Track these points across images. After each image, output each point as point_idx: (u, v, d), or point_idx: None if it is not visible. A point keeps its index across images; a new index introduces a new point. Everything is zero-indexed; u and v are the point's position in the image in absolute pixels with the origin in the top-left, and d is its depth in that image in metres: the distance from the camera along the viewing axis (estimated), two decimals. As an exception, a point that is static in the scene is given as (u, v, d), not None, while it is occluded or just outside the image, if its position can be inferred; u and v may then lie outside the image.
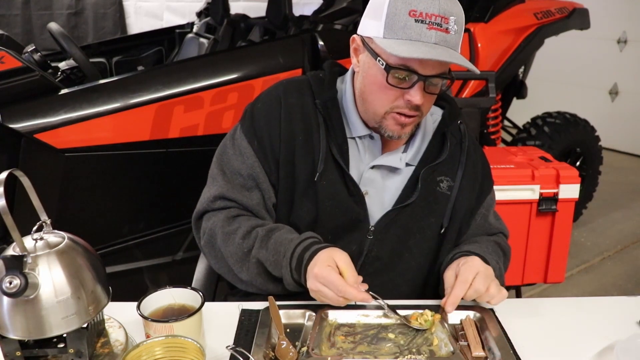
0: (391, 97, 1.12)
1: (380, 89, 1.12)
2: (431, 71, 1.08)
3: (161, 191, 2.23)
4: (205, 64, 2.29)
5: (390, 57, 1.07)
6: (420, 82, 1.08)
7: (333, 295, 1.03)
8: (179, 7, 5.82)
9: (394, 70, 1.07)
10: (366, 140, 1.22)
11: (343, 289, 1.01)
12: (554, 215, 2.27)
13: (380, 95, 1.13)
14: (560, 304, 1.18)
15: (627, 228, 3.63)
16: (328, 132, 1.20)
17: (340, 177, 1.19)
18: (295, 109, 1.21)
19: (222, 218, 1.21)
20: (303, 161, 1.19)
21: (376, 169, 1.22)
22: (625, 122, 5.03)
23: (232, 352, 0.94)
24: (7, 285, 0.80)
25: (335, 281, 1.02)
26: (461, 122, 1.29)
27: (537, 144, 3.13)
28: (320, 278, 1.04)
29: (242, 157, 1.22)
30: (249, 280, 1.18)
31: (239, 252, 1.17)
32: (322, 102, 1.21)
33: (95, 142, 2.03)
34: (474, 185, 1.27)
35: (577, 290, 2.92)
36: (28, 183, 0.90)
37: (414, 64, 1.06)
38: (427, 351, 1.01)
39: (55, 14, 5.93)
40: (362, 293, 1.02)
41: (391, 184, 1.23)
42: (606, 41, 5.01)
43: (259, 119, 1.22)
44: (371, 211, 1.21)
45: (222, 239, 1.19)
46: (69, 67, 2.50)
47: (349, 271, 1.05)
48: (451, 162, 1.25)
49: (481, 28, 3.00)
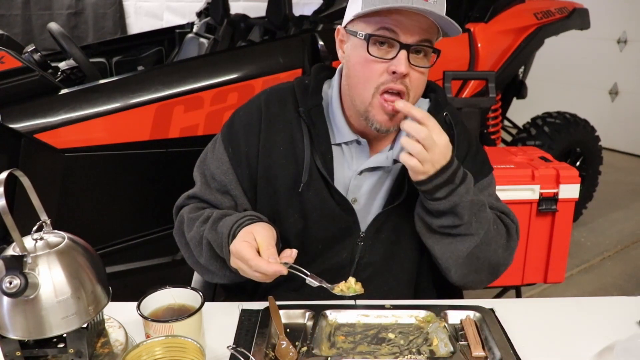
0: (376, 73, 1.08)
1: (364, 66, 1.09)
2: (412, 37, 1.05)
3: (161, 191, 2.23)
4: (205, 64, 2.29)
5: (369, 26, 1.07)
6: (404, 51, 1.05)
7: (249, 271, 1.02)
8: (179, 7, 5.83)
9: (374, 37, 1.06)
10: (353, 146, 1.20)
11: (253, 262, 0.99)
12: (554, 215, 2.27)
13: (364, 73, 1.09)
14: (560, 304, 1.18)
15: (627, 228, 3.63)
16: (312, 141, 1.17)
17: (326, 187, 1.17)
18: (277, 119, 1.20)
19: (191, 207, 1.23)
20: (285, 172, 1.18)
21: (364, 174, 1.19)
22: (625, 122, 5.03)
23: (233, 352, 0.94)
24: (7, 285, 0.80)
25: (246, 255, 1.00)
26: (447, 114, 1.24)
27: (537, 144, 3.13)
28: (235, 254, 1.03)
29: (218, 162, 1.22)
30: (206, 265, 1.17)
31: (197, 236, 1.17)
32: (305, 111, 1.18)
33: (95, 142, 2.04)
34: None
35: (577, 290, 2.92)
36: (28, 183, 0.90)
37: (394, 27, 1.04)
38: (427, 351, 1.01)
39: (55, 14, 5.94)
40: (273, 265, 0.99)
41: (380, 187, 1.20)
42: (606, 41, 5.01)
43: (238, 127, 1.22)
44: (361, 217, 1.19)
45: (187, 225, 1.20)
46: (69, 67, 2.50)
47: (264, 245, 1.02)
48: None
49: (481, 28, 3.00)
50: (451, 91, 2.63)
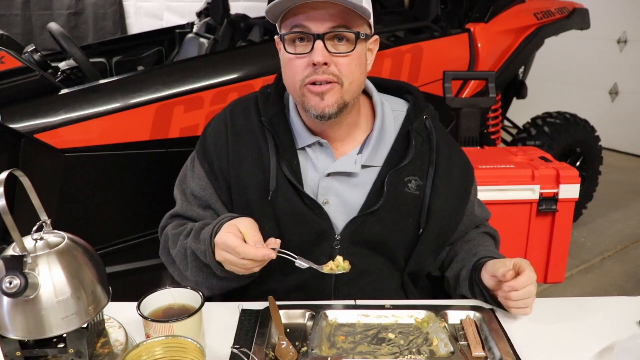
0: (299, 68, 1.09)
1: (289, 66, 1.11)
2: (323, 25, 1.06)
3: (161, 191, 2.22)
4: (205, 64, 2.29)
5: (285, 29, 1.10)
6: (319, 41, 1.06)
7: (237, 260, 1.01)
8: (179, 7, 5.83)
9: (288, 35, 1.09)
10: (316, 148, 1.20)
11: (241, 249, 0.99)
12: (554, 215, 2.27)
13: (290, 70, 1.11)
14: (560, 304, 1.18)
15: (627, 228, 3.62)
16: (277, 148, 1.18)
17: (296, 192, 1.17)
18: (242, 130, 1.21)
19: (174, 224, 1.25)
20: (254, 181, 1.18)
21: (333, 176, 1.19)
22: (625, 122, 5.03)
23: (237, 352, 0.95)
24: (7, 285, 0.80)
25: (232, 243, 1.00)
26: (427, 118, 1.23)
27: (537, 144, 3.12)
28: (220, 245, 1.03)
29: (197, 179, 1.24)
30: (193, 279, 1.17)
31: (181, 250, 1.17)
32: (267, 119, 1.19)
33: (95, 142, 2.03)
34: (449, 181, 1.22)
35: (577, 290, 2.92)
36: (28, 183, 0.90)
37: (303, 22, 1.06)
38: (427, 351, 1.01)
39: (55, 14, 5.94)
40: (261, 249, 1.00)
41: (353, 190, 1.19)
42: (606, 41, 5.01)
43: (209, 143, 1.23)
44: (335, 220, 1.18)
45: (171, 242, 1.22)
46: (69, 67, 2.50)
47: (249, 233, 1.02)
48: (420, 161, 1.20)
49: (481, 28, 3.00)
50: (451, 91, 2.63)
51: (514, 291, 1.06)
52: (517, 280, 1.06)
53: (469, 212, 1.29)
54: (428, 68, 2.74)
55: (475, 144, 2.67)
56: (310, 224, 1.17)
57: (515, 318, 1.11)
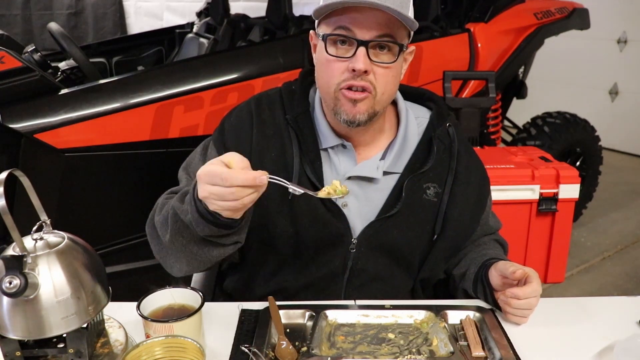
0: (337, 72, 1.07)
1: (326, 66, 1.08)
2: (369, 33, 1.03)
3: (161, 191, 2.22)
4: (205, 64, 2.29)
5: (328, 27, 1.07)
6: (362, 48, 1.03)
7: (224, 191, 0.88)
8: (179, 7, 5.83)
9: (331, 37, 1.06)
10: (339, 151, 1.18)
11: (226, 174, 0.87)
12: (554, 215, 2.28)
13: (327, 72, 1.09)
14: (560, 304, 1.18)
15: (627, 228, 3.63)
16: (301, 148, 1.16)
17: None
18: (267, 125, 1.18)
19: (165, 196, 1.17)
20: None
21: (353, 180, 1.17)
22: (625, 122, 5.03)
23: (248, 352, 0.95)
24: (7, 285, 0.80)
25: (217, 170, 0.88)
26: (450, 125, 1.23)
27: (537, 144, 3.13)
28: (203, 177, 0.90)
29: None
30: (170, 245, 1.05)
31: (164, 213, 1.08)
32: (292, 118, 1.17)
33: (95, 142, 2.04)
34: (466, 190, 1.22)
35: (577, 290, 2.92)
36: (28, 183, 0.90)
37: (349, 25, 1.03)
38: (427, 351, 1.01)
39: (55, 14, 5.95)
40: (250, 172, 0.89)
41: (372, 194, 1.18)
42: (606, 41, 5.01)
43: (230, 132, 1.19)
44: (353, 223, 1.17)
45: (159, 209, 1.12)
46: (69, 67, 2.51)
47: (235, 160, 0.91)
48: (440, 168, 1.20)
49: (481, 28, 3.00)
50: (451, 91, 2.63)
51: (516, 299, 1.06)
52: (522, 289, 1.06)
53: (483, 222, 1.29)
54: (428, 68, 2.74)
55: (475, 144, 2.68)
56: (328, 226, 1.15)
57: (515, 318, 1.11)
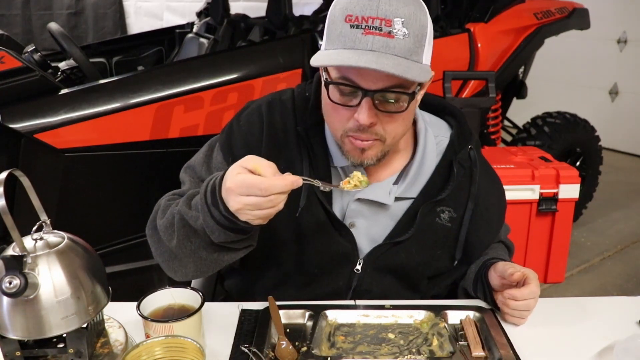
0: (342, 118, 1.00)
1: (331, 110, 1.01)
2: (375, 84, 0.94)
3: (161, 191, 2.21)
4: (205, 64, 2.29)
5: (333, 69, 0.98)
6: (367, 99, 0.94)
7: (262, 200, 0.86)
8: (179, 7, 5.83)
9: (333, 85, 0.97)
10: (350, 170, 1.09)
11: (265, 185, 0.85)
12: (554, 215, 2.28)
13: (332, 116, 1.02)
14: (560, 304, 1.18)
15: (627, 228, 3.63)
16: (310, 162, 1.10)
17: (324, 211, 1.10)
18: (278, 133, 1.12)
19: (167, 198, 1.14)
20: None
21: (362, 202, 1.12)
22: (625, 122, 5.03)
23: (248, 352, 0.95)
24: (7, 285, 0.80)
25: (253, 181, 0.86)
26: (471, 148, 1.16)
27: (537, 144, 3.13)
28: (236, 189, 0.87)
29: (214, 169, 1.13)
30: (177, 251, 1.03)
31: (169, 217, 1.04)
32: (303, 129, 1.10)
33: (95, 142, 2.04)
34: (487, 213, 1.18)
35: (577, 290, 2.92)
36: (28, 183, 0.90)
37: (353, 76, 0.94)
38: (427, 351, 1.01)
39: (55, 14, 5.95)
40: (288, 177, 0.87)
41: (382, 218, 1.13)
42: (606, 41, 5.01)
43: (238, 137, 1.13)
44: (360, 244, 1.13)
45: (161, 211, 1.09)
46: (69, 67, 2.50)
47: (263, 165, 0.88)
48: (457, 192, 1.14)
49: (481, 28, 3.00)
50: (451, 91, 2.63)
51: (514, 300, 1.06)
52: (520, 291, 1.05)
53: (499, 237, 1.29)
54: (428, 68, 2.74)
55: (475, 144, 2.67)
56: (335, 245, 1.12)
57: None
